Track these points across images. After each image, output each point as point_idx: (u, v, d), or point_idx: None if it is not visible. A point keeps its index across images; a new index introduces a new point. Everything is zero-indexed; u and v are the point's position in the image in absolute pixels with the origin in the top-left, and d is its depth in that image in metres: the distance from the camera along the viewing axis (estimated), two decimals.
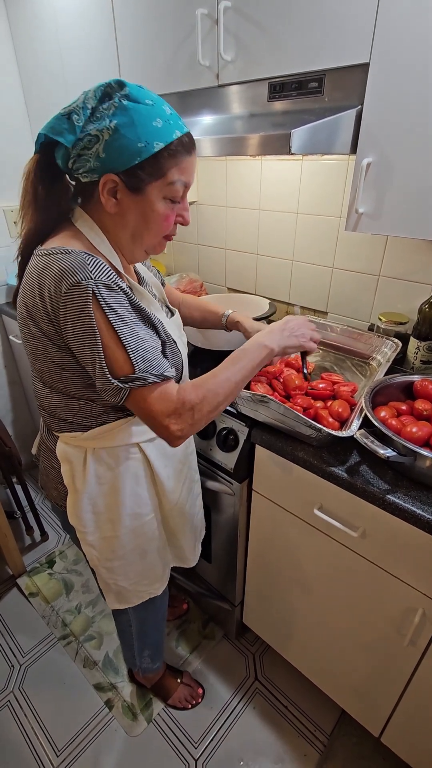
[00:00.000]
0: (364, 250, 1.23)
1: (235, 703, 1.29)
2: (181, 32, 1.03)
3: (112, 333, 0.62)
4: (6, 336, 1.95)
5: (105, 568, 0.90)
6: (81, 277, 0.60)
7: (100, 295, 0.61)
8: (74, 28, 1.29)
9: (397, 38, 0.74)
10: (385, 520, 0.82)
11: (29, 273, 0.66)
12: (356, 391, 1.03)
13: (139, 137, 0.61)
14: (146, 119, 0.61)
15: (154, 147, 0.61)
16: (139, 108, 0.61)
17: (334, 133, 0.83)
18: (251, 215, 1.47)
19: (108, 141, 0.61)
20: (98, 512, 0.83)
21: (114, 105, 0.60)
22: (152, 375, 0.65)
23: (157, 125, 0.62)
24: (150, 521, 0.88)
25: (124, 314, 0.64)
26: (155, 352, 0.67)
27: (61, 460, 0.80)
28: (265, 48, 0.90)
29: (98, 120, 0.61)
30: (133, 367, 0.64)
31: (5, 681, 1.36)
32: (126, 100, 0.61)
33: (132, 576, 0.92)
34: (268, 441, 0.96)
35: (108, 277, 0.63)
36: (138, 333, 0.65)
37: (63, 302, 0.61)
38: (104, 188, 0.64)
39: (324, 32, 0.82)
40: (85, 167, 0.63)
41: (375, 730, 1.09)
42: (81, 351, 0.64)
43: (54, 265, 0.62)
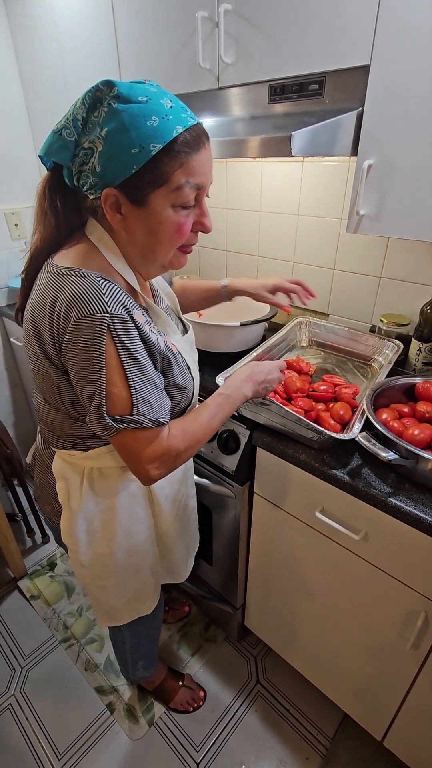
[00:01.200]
0: (365, 252, 1.23)
1: (237, 707, 1.29)
2: (182, 35, 1.03)
3: (120, 371, 0.59)
4: (7, 338, 1.95)
5: (97, 587, 0.87)
6: (96, 309, 0.56)
7: (115, 331, 0.57)
8: (74, 30, 1.29)
9: (398, 40, 0.74)
10: (387, 523, 0.82)
11: (40, 290, 0.63)
12: (358, 393, 1.03)
13: (133, 142, 0.54)
14: (139, 120, 0.54)
15: (151, 150, 0.54)
16: (130, 108, 0.54)
17: (334, 135, 0.83)
18: (252, 217, 1.47)
19: (101, 152, 0.55)
20: (93, 531, 0.80)
21: (104, 110, 0.54)
22: (149, 420, 0.63)
23: (152, 124, 0.54)
24: (144, 539, 0.85)
25: (136, 352, 0.60)
26: (158, 395, 0.65)
27: (57, 477, 0.78)
28: (265, 50, 0.90)
29: (90, 130, 0.56)
30: (132, 408, 0.61)
31: (6, 684, 1.36)
32: (116, 102, 0.54)
33: (124, 594, 0.89)
34: (269, 443, 0.95)
35: (123, 307, 0.59)
36: (147, 372, 0.62)
37: (71, 330, 0.57)
38: (106, 204, 0.59)
39: (324, 34, 0.82)
40: (87, 184, 0.58)
41: (377, 733, 1.08)
42: (81, 381, 0.61)
43: (67, 288, 0.58)
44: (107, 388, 0.60)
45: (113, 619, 0.94)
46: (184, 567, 1.02)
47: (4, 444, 1.62)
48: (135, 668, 1.19)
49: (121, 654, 1.19)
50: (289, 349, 1.28)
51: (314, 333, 1.29)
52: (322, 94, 0.87)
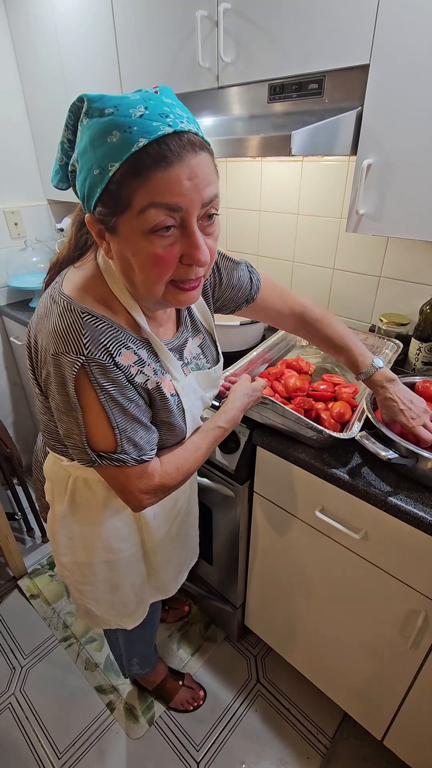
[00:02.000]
0: (365, 252, 1.23)
1: (237, 706, 1.29)
2: (181, 34, 1.03)
3: (101, 413, 0.57)
4: (7, 337, 1.95)
5: (76, 590, 0.86)
6: (72, 349, 0.53)
7: (91, 374, 0.55)
8: (74, 29, 1.29)
9: (397, 39, 0.74)
10: (387, 522, 0.82)
11: (38, 307, 0.62)
12: (357, 392, 1.03)
13: (93, 163, 0.47)
14: (100, 136, 0.46)
15: (109, 171, 0.46)
16: (96, 124, 0.47)
17: (334, 134, 0.83)
18: (251, 216, 1.47)
19: (78, 174, 0.51)
20: (72, 537, 0.78)
21: (79, 129, 0.50)
22: (132, 458, 0.61)
23: (111, 140, 0.46)
24: (127, 558, 0.82)
25: (117, 393, 0.57)
26: (144, 433, 0.62)
27: (47, 476, 0.78)
28: (265, 50, 0.90)
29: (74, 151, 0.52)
30: (116, 447, 0.59)
31: (6, 683, 1.36)
32: (86, 119, 0.48)
33: (101, 604, 0.87)
34: (269, 443, 0.95)
35: (105, 350, 0.55)
36: (130, 412, 0.59)
37: (48, 363, 0.56)
38: (93, 231, 0.54)
39: (324, 34, 0.81)
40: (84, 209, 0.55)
41: (378, 732, 1.08)
42: (59, 414, 0.60)
43: (52, 317, 0.56)
44: (88, 429, 0.58)
45: (92, 622, 0.93)
46: (174, 583, 0.98)
47: (3, 443, 1.62)
48: (130, 665, 1.19)
49: (115, 650, 1.19)
50: (289, 349, 1.28)
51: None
52: (321, 93, 0.87)
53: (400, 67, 0.75)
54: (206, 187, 0.50)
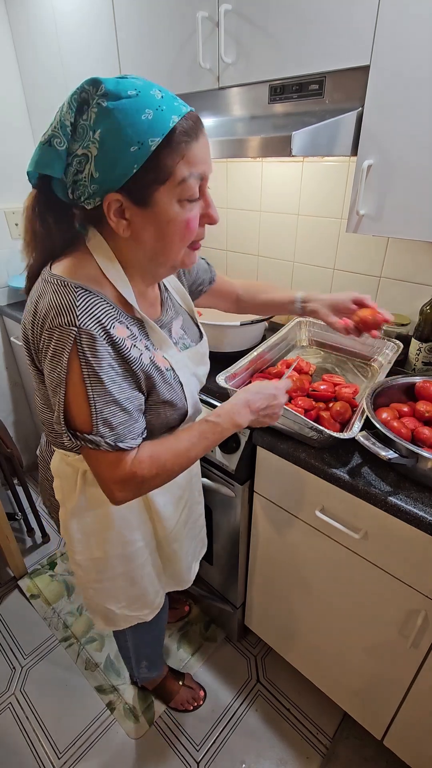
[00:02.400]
0: (365, 252, 1.23)
1: (237, 706, 1.29)
2: (182, 35, 1.03)
3: (81, 388, 0.57)
4: (7, 337, 1.95)
5: (93, 590, 0.85)
6: (65, 321, 0.55)
7: (80, 346, 0.55)
8: (75, 29, 1.29)
9: (398, 41, 0.74)
10: (387, 522, 0.82)
11: (31, 295, 0.63)
12: (358, 392, 1.03)
13: (130, 140, 0.51)
14: (133, 115, 0.51)
15: (150, 145, 0.51)
16: (122, 104, 0.51)
17: (334, 135, 0.83)
18: (252, 217, 1.47)
19: (98, 157, 0.52)
20: (87, 533, 0.79)
21: (94, 111, 0.51)
22: (106, 443, 0.60)
23: (147, 118, 0.51)
24: (141, 548, 0.83)
25: (102, 371, 0.57)
26: (123, 418, 0.61)
27: (55, 474, 0.78)
28: (265, 51, 0.91)
29: (81, 136, 0.52)
30: (91, 427, 0.59)
31: (7, 683, 1.36)
32: (105, 101, 0.51)
33: (120, 600, 0.87)
34: (269, 443, 0.95)
35: (98, 322, 0.56)
36: (112, 393, 0.59)
37: (44, 336, 0.57)
38: (110, 211, 0.56)
39: (324, 35, 0.82)
40: (85, 194, 0.56)
41: (377, 732, 1.09)
42: (49, 389, 0.61)
43: (47, 295, 0.58)
44: (67, 403, 0.59)
45: (110, 623, 0.92)
46: (188, 573, 0.99)
47: (4, 443, 1.62)
48: (139, 668, 1.19)
49: (124, 652, 1.19)
50: (290, 349, 1.28)
51: (314, 332, 1.29)
52: (322, 94, 0.87)
53: (401, 68, 0.75)
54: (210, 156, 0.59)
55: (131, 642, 1.11)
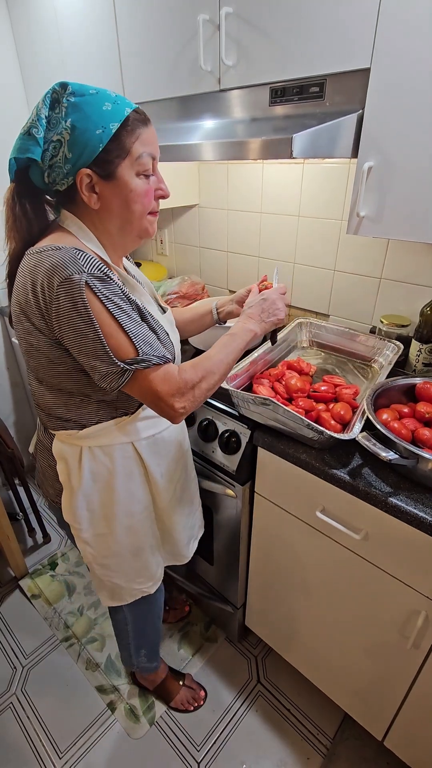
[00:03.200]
0: (365, 253, 1.24)
1: (238, 706, 1.29)
2: (183, 37, 1.03)
3: (112, 320, 0.64)
4: (8, 337, 1.95)
5: (99, 565, 0.91)
6: (72, 270, 0.62)
7: (94, 285, 0.63)
8: (76, 31, 1.29)
9: (398, 43, 0.74)
10: (387, 523, 0.82)
11: (21, 272, 0.68)
12: (358, 393, 1.03)
13: (96, 124, 0.63)
14: (96, 107, 0.63)
15: (111, 128, 0.64)
16: (86, 99, 0.63)
17: (335, 137, 0.84)
18: (253, 218, 1.48)
19: (70, 140, 0.63)
20: (92, 509, 0.84)
21: (63, 106, 0.63)
22: (155, 357, 0.68)
23: (107, 108, 0.64)
24: (144, 519, 0.90)
25: (121, 303, 0.66)
26: (154, 337, 0.70)
27: (57, 458, 0.82)
28: (266, 53, 0.91)
29: (55, 125, 0.63)
30: (136, 350, 0.66)
31: (8, 683, 1.36)
32: (73, 98, 0.63)
33: (126, 573, 0.94)
34: (270, 443, 0.96)
35: (99, 269, 0.65)
36: (135, 319, 0.68)
37: (56, 296, 0.62)
38: (82, 186, 0.66)
39: (325, 37, 0.82)
40: (60, 174, 0.65)
41: (378, 733, 1.09)
42: (79, 342, 0.65)
43: (45, 261, 0.63)
44: (108, 340, 0.64)
45: (116, 598, 0.97)
46: (186, 548, 1.05)
47: (4, 443, 1.62)
48: (138, 656, 1.19)
49: (123, 639, 1.19)
50: (290, 350, 1.28)
51: (315, 334, 1.29)
52: (322, 96, 0.88)
53: (401, 70, 0.76)
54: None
55: (132, 625, 1.12)
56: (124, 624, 1.13)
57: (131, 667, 1.27)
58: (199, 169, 1.56)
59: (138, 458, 0.85)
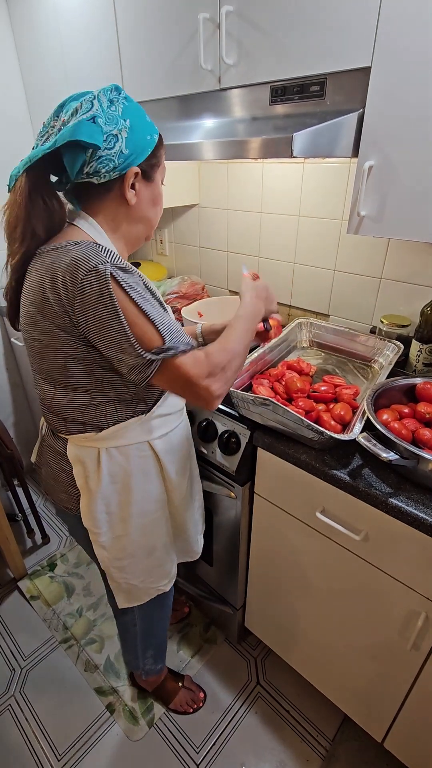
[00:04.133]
0: (365, 253, 1.23)
1: (237, 708, 1.29)
2: (184, 36, 1.03)
3: (137, 310, 0.65)
4: (8, 338, 1.95)
5: (116, 568, 0.91)
6: (96, 261, 0.62)
7: (118, 276, 0.63)
8: (76, 30, 1.29)
9: (399, 42, 0.74)
10: (387, 524, 0.82)
11: (37, 272, 0.67)
12: (358, 393, 1.03)
13: (146, 130, 0.70)
14: (144, 116, 0.71)
15: (155, 138, 0.71)
16: (136, 107, 0.70)
17: (335, 136, 0.83)
18: (253, 218, 1.47)
19: (128, 138, 0.67)
20: (111, 512, 0.84)
21: (120, 107, 0.67)
22: (183, 343, 0.68)
23: (149, 120, 0.72)
24: (158, 518, 0.91)
25: (144, 293, 0.66)
26: (178, 325, 0.70)
27: (73, 462, 0.81)
28: (267, 52, 0.91)
29: (112, 121, 0.66)
30: (162, 338, 0.66)
31: (6, 684, 1.36)
32: (126, 102, 0.69)
33: (141, 573, 0.94)
34: (270, 444, 0.95)
35: (120, 261, 0.65)
36: (159, 309, 0.69)
37: (80, 289, 0.62)
38: (128, 181, 0.70)
39: (326, 36, 0.82)
40: (108, 167, 0.67)
41: (378, 735, 1.08)
42: (105, 334, 0.65)
43: (65, 256, 0.64)
44: (133, 330, 0.64)
45: (132, 598, 0.97)
46: (197, 544, 1.07)
47: (4, 444, 1.62)
48: (144, 657, 1.19)
49: (130, 642, 1.18)
50: (290, 350, 1.28)
51: (315, 334, 1.29)
52: (323, 95, 0.87)
53: (402, 69, 0.75)
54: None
55: (141, 625, 1.11)
56: (132, 625, 1.12)
57: (136, 669, 1.26)
58: (200, 168, 1.56)
59: (154, 456, 0.85)
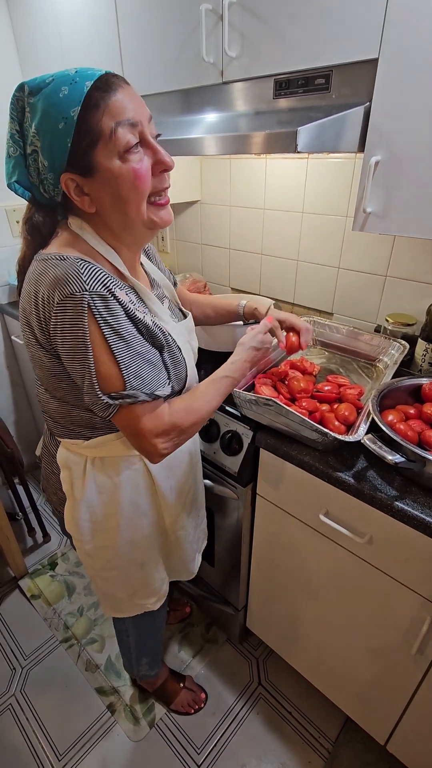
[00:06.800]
0: (370, 250, 1.21)
1: (239, 709, 1.28)
2: (185, 28, 1.01)
3: (105, 348, 0.59)
4: (8, 336, 1.94)
5: (101, 578, 0.88)
6: (75, 288, 0.57)
7: (95, 308, 0.58)
8: (76, 23, 1.27)
9: (407, 33, 0.72)
10: (392, 527, 0.80)
11: (27, 279, 0.64)
12: (363, 394, 1.01)
13: (56, 119, 0.55)
14: (52, 97, 0.55)
15: (73, 115, 0.54)
16: (42, 94, 0.55)
17: (341, 130, 0.81)
18: (255, 215, 1.45)
19: (42, 147, 0.57)
20: (96, 521, 0.80)
21: (28, 112, 0.57)
22: (143, 393, 0.63)
23: (64, 94, 0.55)
24: (149, 534, 0.86)
25: (120, 328, 0.60)
26: (150, 369, 0.65)
27: (61, 466, 0.79)
28: (270, 44, 0.89)
29: (27, 136, 0.58)
30: (124, 384, 0.61)
31: (7, 684, 1.35)
32: (32, 98, 0.56)
33: (128, 588, 0.90)
34: (272, 445, 0.94)
35: (104, 285, 0.59)
36: (134, 347, 0.62)
37: (55, 312, 0.58)
38: (70, 191, 0.60)
39: (331, 27, 0.80)
40: (50, 186, 0.60)
41: (381, 737, 1.07)
42: (71, 363, 0.61)
43: (49, 271, 0.59)
44: (96, 367, 0.60)
45: (118, 611, 0.95)
46: (193, 563, 1.02)
47: (4, 443, 1.61)
48: (139, 665, 1.18)
49: (125, 648, 1.18)
50: None
51: (318, 332, 1.27)
52: (328, 88, 0.85)
53: (410, 61, 0.73)
54: (144, 105, 0.61)
55: (133, 636, 1.10)
56: (126, 635, 1.11)
57: (132, 674, 1.25)
58: (201, 164, 1.54)
59: (145, 471, 0.80)
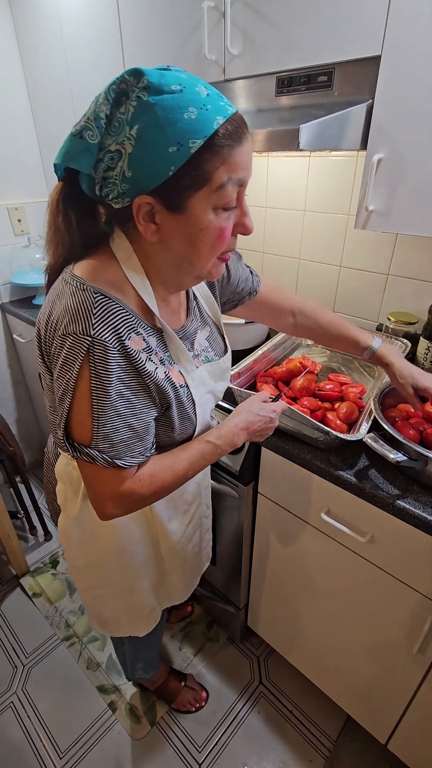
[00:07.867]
0: (372, 249, 1.21)
1: (240, 707, 1.28)
2: (188, 26, 1.00)
3: (87, 398, 0.54)
4: (10, 335, 1.94)
5: (89, 595, 0.86)
6: (80, 328, 0.52)
7: (92, 357, 0.53)
8: (78, 20, 1.27)
9: (411, 30, 0.71)
10: (394, 526, 0.80)
11: (49, 295, 0.61)
12: (364, 392, 1.01)
13: (169, 139, 0.47)
14: (175, 113, 0.47)
15: (191, 147, 0.47)
16: (164, 100, 0.47)
17: (343, 128, 0.81)
18: (257, 213, 1.45)
19: (132, 154, 0.48)
20: (86, 539, 0.77)
21: (132, 105, 0.47)
22: (102, 458, 0.57)
23: (190, 117, 0.47)
24: (142, 561, 0.82)
25: (109, 385, 0.54)
26: (127, 435, 0.58)
27: (59, 478, 0.77)
28: (272, 41, 0.88)
29: (117, 130, 0.49)
30: (90, 440, 0.56)
31: (8, 682, 1.35)
32: (147, 95, 0.47)
33: (116, 609, 0.87)
34: (274, 444, 0.94)
35: (115, 331, 0.53)
36: (118, 409, 0.56)
37: (56, 341, 0.55)
38: (139, 214, 0.52)
39: (334, 24, 0.79)
40: (114, 192, 0.52)
41: (382, 736, 1.07)
42: (57, 389, 0.58)
43: (65, 297, 0.55)
44: (71, 410, 0.56)
45: (105, 629, 0.92)
46: (186, 588, 0.96)
47: (6, 441, 1.61)
48: (134, 669, 1.18)
49: (120, 654, 1.18)
50: (294, 348, 1.26)
51: None
52: (330, 86, 0.85)
53: (413, 58, 0.73)
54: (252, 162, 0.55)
55: (128, 646, 1.10)
56: (120, 644, 1.11)
57: (128, 677, 1.26)
58: None
59: None
